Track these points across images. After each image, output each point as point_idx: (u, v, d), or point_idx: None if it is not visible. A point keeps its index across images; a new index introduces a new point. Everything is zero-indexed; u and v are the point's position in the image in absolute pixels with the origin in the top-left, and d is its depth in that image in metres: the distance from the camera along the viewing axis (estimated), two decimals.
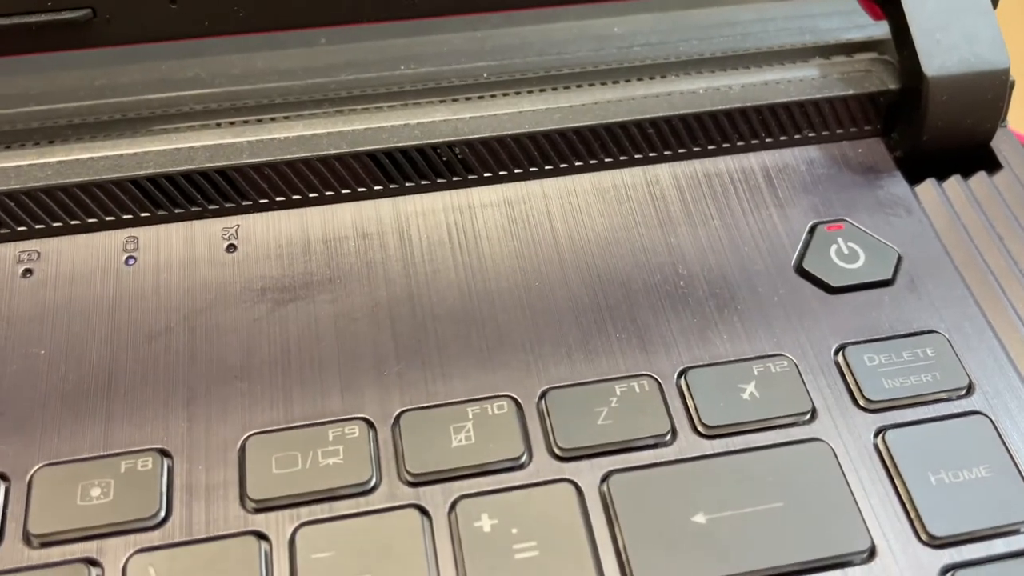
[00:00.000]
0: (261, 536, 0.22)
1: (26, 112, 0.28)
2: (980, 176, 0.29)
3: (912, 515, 0.23)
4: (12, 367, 0.24)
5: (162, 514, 0.22)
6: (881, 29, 0.31)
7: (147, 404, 0.24)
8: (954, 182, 0.29)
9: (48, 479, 0.22)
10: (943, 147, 0.29)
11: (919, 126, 0.29)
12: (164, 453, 0.23)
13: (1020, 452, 0.24)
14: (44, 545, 0.22)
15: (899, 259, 0.27)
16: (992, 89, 0.29)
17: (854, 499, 0.23)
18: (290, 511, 0.22)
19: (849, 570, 0.22)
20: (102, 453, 0.23)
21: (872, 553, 0.22)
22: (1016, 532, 0.23)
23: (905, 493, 0.23)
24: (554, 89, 0.29)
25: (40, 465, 0.23)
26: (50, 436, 0.23)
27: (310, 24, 0.25)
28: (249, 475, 0.23)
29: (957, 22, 0.29)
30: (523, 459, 0.23)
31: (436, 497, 0.22)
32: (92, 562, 0.21)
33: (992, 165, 0.30)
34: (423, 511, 0.22)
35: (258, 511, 0.22)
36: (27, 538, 0.22)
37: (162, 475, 0.23)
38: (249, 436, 0.23)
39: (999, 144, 0.30)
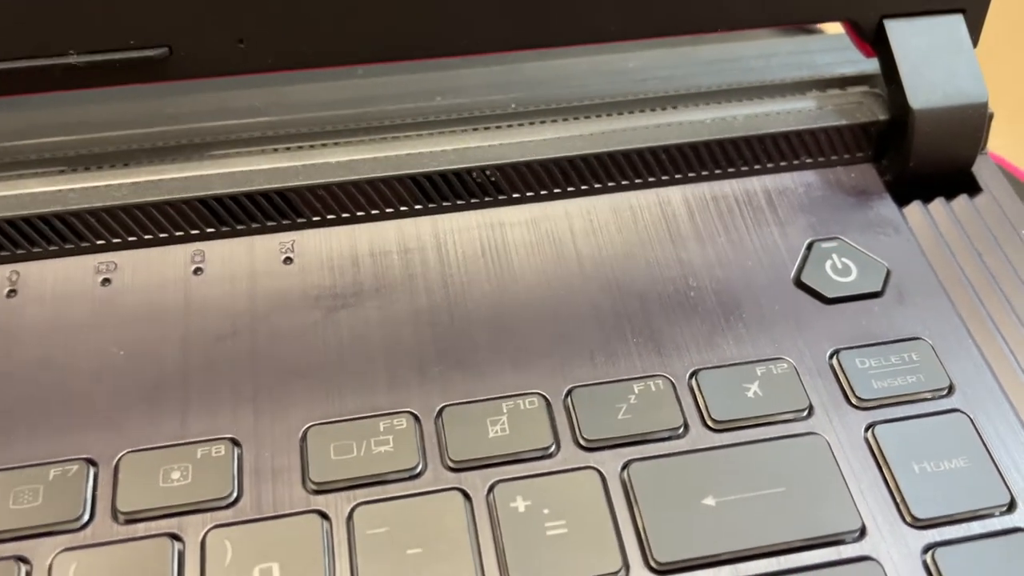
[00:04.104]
0: (322, 515, 0.24)
1: (104, 137, 0.29)
2: (962, 199, 0.31)
3: (898, 500, 0.24)
4: (95, 365, 0.26)
5: (234, 495, 0.24)
6: (872, 65, 0.32)
7: (218, 398, 0.25)
8: (938, 204, 0.30)
9: (133, 464, 0.24)
10: (928, 172, 0.30)
11: (906, 153, 0.30)
12: (235, 442, 0.25)
13: (995, 445, 0.25)
14: (130, 522, 0.23)
15: (888, 273, 0.28)
16: (972, 120, 0.30)
17: (846, 486, 0.24)
18: (347, 493, 0.24)
19: (842, 547, 0.23)
20: (180, 441, 0.24)
21: (863, 533, 0.24)
22: (990, 515, 0.24)
23: (892, 481, 0.24)
24: (575, 118, 0.31)
25: (125, 451, 0.24)
26: (132, 426, 0.25)
27: (364, 60, 0.27)
28: (310, 461, 0.24)
29: (940, 60, 0.30)
30: (552, 449, 0.25)
31: (475, 481, 0.24)
32: (175, 536, 0.23)
33: (973, 189, 0.31)
34: (464, 494, 0.24)
35: (318, 492, 0.24)
36: (115, 515, 0.23)
37: (233, 461, 0.24)
38: (309, 427, 0.25)
39: (979, 169, 0.31)
